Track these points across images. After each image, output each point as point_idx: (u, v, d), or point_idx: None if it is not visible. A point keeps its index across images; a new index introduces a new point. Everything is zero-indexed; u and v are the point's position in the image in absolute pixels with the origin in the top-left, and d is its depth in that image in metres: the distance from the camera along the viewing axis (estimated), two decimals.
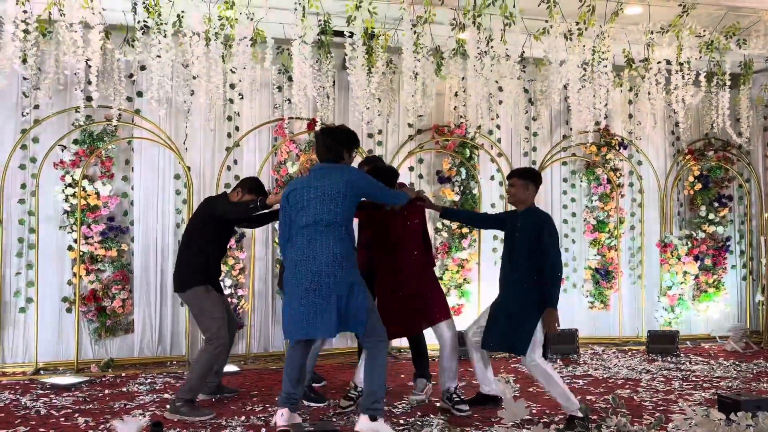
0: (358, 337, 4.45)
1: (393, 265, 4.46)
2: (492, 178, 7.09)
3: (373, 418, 3.71)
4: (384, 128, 6.78)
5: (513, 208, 4.48)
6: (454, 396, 4.37)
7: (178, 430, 3.96)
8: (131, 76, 5.98)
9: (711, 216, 7.57)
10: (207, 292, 4.42)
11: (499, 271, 4.46)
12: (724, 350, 6.83)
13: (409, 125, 6.80)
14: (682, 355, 6.49)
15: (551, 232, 4.19)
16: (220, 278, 4.96)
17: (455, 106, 6.66)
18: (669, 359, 6.31)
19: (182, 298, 4.61)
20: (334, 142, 3.94)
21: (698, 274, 7.43)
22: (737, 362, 6.18)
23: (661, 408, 4.52)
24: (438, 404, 4.52)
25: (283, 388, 3.90)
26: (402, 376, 5.46)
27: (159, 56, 4.95)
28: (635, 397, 4.83)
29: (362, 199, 4.07)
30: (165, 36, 5.00)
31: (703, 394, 4.92)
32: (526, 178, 4.35)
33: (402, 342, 5.98)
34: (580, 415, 3.92)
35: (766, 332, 7.23)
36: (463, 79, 6.20)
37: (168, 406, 4.33)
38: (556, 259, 4.13)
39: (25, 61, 5.09)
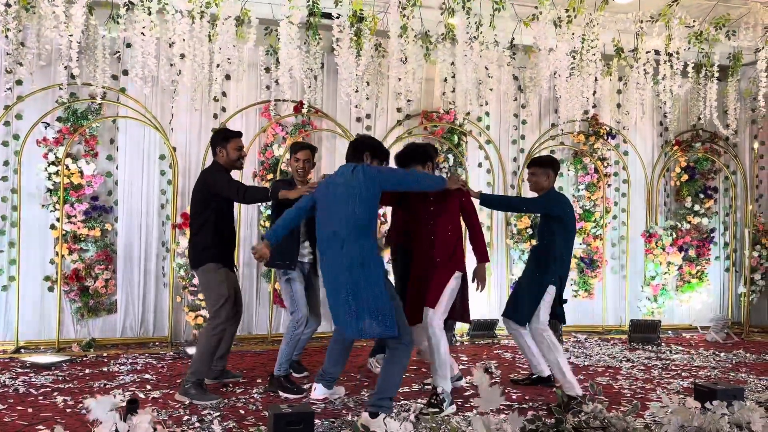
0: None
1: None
2: (480, 165, 7.08)
3: (374, 415, 3.62)
4: (372, 113, 6.75)
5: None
6: (432, 398, 4.08)
7: (155, 408, 3.96)
8: (116, 53, 5.90)
9: (696, 207, 7.61)
10: (217, 269, 4.32)
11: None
12: (704, 340, 6.90)
13: (398, 110, 6.77)
14: (663, 344, 6.55)
15: (560, 211, 4.37)
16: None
17: (444, 92, 6.63)
18: (650, 348, 6.36)
19: (196, 274, 4.54)
20: (357, 146, 3.98)
21: (682, 265, 7.48)
22: (717, 352, 6.24)
23: (639, 396, 4.56)
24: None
25: (323, 365, 4.21)
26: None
27: (143, 34, 4.88)
28: (614, 385, 4.87)
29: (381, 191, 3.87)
30: (149, 13, 4.94)
31: (681, 383, 4.97)
32: (546, 166, 4.44)
33: None
34: (575, 394, 4.05)
35: (747, 323, 7.31)
36: (452, 64, 6.17)
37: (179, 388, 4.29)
38: (555, 241, 4.40)
39: (6, 35, 5.01)
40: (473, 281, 4.30)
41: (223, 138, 4.44)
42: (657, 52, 6.17)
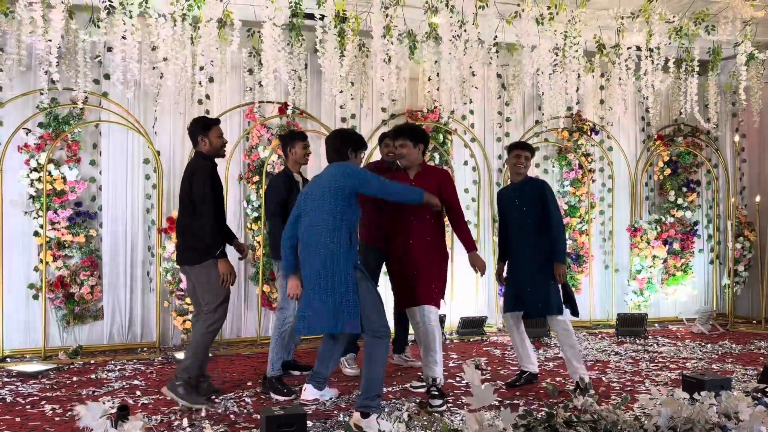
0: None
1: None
2: (465, 163, 7.10)
3: (365, 415, 3.66)
4: (357, 113, 6.74)
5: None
6: (431, 389, 4.16)
7: (146, 414, 3.93)
8: (97, 57, 5.84)
9: (680, 201, 7.69)
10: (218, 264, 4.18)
11: (510, 242, 4.73)
12: (690, 332, 6.97)
13: (383, 110, 6.77)
14: (650, 337, 6.61)
15: (552, 193, 4.66)
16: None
17: (428, 91, 6.64)
18: (637, 341, 6.42)
19: (190, 272, 4.26)
20: (335, 142, 3.98)
21: (667, 258, 7.56)
22: (703, 343, 6.31)
23: (629, 388, 4.60)
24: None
25: (314, 365, 4.26)
26: None
27: (124, 37, 4.84)
28: (603, 378, 4.90)
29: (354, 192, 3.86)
30: (131, 17, 4.89)
31: (669, 375, 5.02)
32: (532, 152, 4.77)
33: None
34: (586, 379, 4.15)
35: (732, 314, 7.40)
36: (436, 63, 6.19)
37: (168, 382, 4.21)
38: (559, 216, 4.59)
39: None
40: (476, 272, 4.43)
41: (203, 126, 4.29)
42: (638, 48, 6.23)
